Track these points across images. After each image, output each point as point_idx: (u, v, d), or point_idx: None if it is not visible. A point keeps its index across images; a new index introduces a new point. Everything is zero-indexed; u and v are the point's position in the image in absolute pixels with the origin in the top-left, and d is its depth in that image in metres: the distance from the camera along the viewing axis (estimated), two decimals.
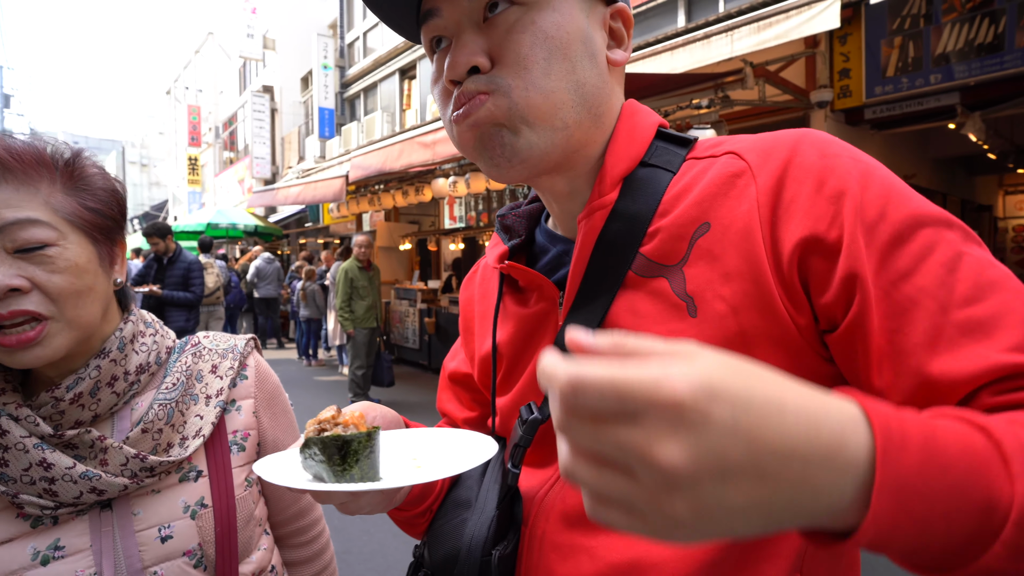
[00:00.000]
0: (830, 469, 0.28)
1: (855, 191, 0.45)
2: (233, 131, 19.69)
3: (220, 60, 21.67)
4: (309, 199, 8.11)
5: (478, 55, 0.51)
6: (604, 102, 0.55)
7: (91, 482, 0.66)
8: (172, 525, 0.72)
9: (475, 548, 0.55)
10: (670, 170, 0.55)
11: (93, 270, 0.70)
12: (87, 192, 0.71)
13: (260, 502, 0.84)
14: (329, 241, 13.51)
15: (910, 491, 0.29)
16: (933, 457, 0.30)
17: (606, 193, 0.55)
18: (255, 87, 17.41)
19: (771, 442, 0.26)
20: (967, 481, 0.30)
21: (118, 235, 0.76)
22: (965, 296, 0.41)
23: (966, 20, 4.52)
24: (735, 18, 4.02)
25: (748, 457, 0.26)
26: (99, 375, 0.71)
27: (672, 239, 0.52)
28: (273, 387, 0.89)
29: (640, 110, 0.60)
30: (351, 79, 13.95)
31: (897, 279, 0.43)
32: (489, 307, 0.69)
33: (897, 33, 4.85)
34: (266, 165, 16.39)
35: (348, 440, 0.49)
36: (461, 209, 10.00)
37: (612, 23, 0.57)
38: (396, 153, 6.11)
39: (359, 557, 3.11)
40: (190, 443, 0.75)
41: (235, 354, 0.85)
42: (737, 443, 0.25)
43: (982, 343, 0.40)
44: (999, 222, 10.16)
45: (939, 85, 4.70)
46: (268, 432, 0.86)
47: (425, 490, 0.65)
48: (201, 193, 22.44)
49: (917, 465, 0.29)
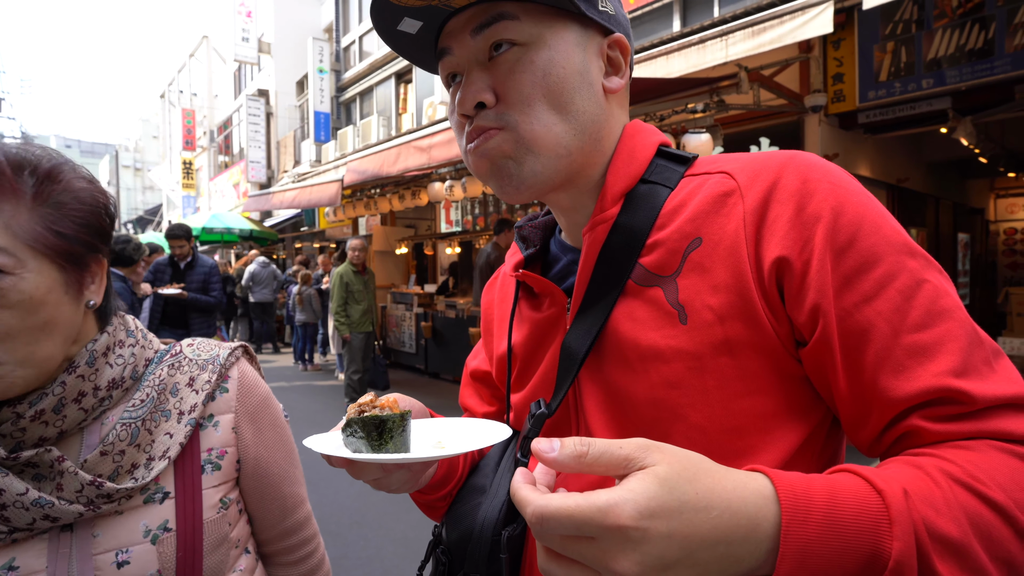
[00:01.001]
0: (748, 543, 0.37)
1: (829, 217, 0.50)
2: (228, 135, 19.64)
3: (215, 63, 21.62)
4: (305, 203, 8.09)
5: (484, 92, 0.57)
6: (603, 127, 0.60)
7: (43, 509, 0.62)
8: (130, 550, 0.67)
9: (487, 528, 0.61)
10: (668, 186, 0.59)
11: (54, 301, 0.64)
12: (60, 213, 0.65)
13: (240, 521, 0.80)
14: (325, 245, 13.48)
15: (809, 553, 0.37)
16: (831, 523, 0.38)
17: (607, 208, 0.60)
18: (250, 91, 17.39)
19: (700, 537, 0.35)
20: (857, 540, 0.37)
21: (92, 257, 0.70)
22: (916, 322, 0.46)
23: (957, 26, 4.56)
24: (730, 23, 4.04)
25: (683, 553, 0.35)
26: (64, 392, 0.66)
27: (668, 252, 0.56)
28: (259, 400, 0.83)
29: (641, 131, 0.64)
30: (347, 83, 13.95)
31: (860, 302, 0.48)
32: (506, 311, 0.74)
33: (890, 38, 4.89)
34: (261, 169, 16.35)
35: (384, 419, 0.55)
36: (457, 213, 10.00)
37: (610, 52, 0.61)
38: (392, 157, 6.11)
39: (356, 562, 3.09)
40: (155, 465, 0.70)
41: (215, 365, 0.80)
42: (673, 545, 0.34)
43: (922, 366, 0.45)
44: (991, 225, 10.25)
45: (931, 90, 4.75)
46: (250, 448, 0.81)
47: (446, 476, 0.69)
48: (196, 197, 22.35)
49: (816, 531, 0.37)
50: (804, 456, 0.52)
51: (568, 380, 0.59)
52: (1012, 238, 10.03)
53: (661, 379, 0.53)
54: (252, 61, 16.07)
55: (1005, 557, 0.40)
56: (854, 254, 0.49)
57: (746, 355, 0.51)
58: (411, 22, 0.58)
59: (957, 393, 0.44)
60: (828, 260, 0.49)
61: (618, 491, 0.34)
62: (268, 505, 0.84)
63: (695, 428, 0.52)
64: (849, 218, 0.49)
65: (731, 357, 0.51)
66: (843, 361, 0.48)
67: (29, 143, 0.67)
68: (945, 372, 0.45)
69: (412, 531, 3.46)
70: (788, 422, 0.52)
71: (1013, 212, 10.21)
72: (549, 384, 0.63)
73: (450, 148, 5.21)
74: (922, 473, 0.41)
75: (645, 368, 0.54)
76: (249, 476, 0.81)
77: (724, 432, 0.52)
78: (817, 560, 0.37)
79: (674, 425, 0.53)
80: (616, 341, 0.57)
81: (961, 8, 4.53)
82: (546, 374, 0.64)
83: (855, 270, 0.48)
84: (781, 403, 0.52)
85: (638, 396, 0.55)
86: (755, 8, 4.14)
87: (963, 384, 0.44)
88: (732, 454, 0.51)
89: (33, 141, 0.68)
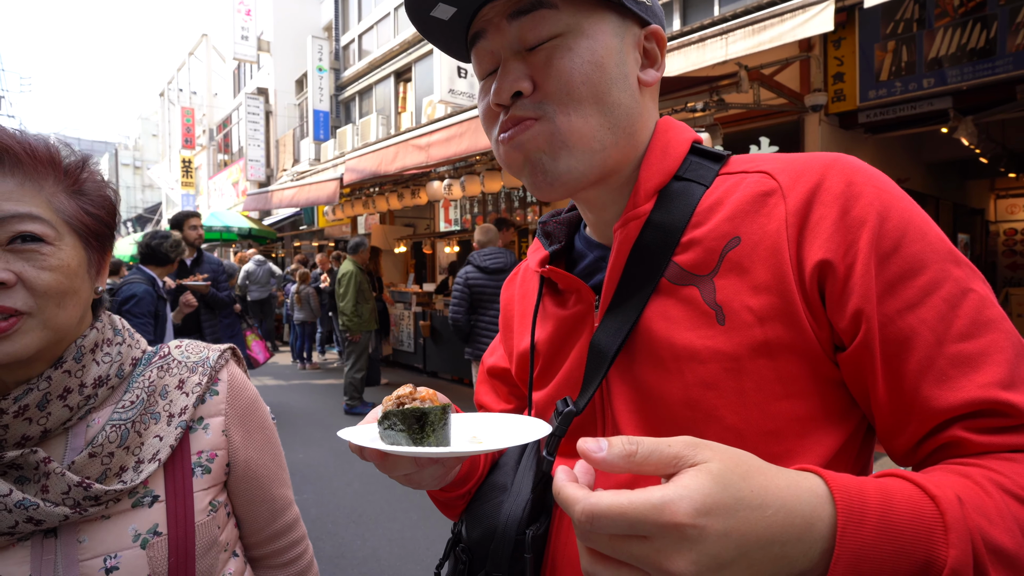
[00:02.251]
0: (802, 544, 0.35)
1: (874, 222, 0.49)
2: (227, 133, 19.61)
3: (214, 62, 21.60)
4: (303, 202, 8.07)
5: (521, 80, 0.55)
6: (637, 121, 0.59)
7: (27, 511, 0.61)
8: (119, 555, 0.66)
9: (510, 527, 0.61)
10: (703, 184, 0.58)
11: (82, 275, 0.69)
12: (88, 198, 0.71)
13: (228, 525, 0.79)
14: (324, 244, 13.46)
15: (864, 556, 0.36)
16: (886, 527, 0.37)
17: (640, 204, 0.59)
18: (249, 89, 17.36)
19: (756, 536, 0.34)
20: (912, 546, 0.37)
21: (109, 244, 0.75)
22: (961, 332, 0.46)
23: (959, 25, 4.55)
24: (730, 21, 4.03)
25: (738, 552, 0.33)
26: (49, 386, 0.65)
27: (704, 251, 0.55)
28: (248, 402, 0.83)
29: (674, 127, 0.63)
30: (346, 82, 13.93)
31: (903, 309, 0.47)
32: (529, 307, 0.73)
33: (891, 37, 4.87)
34: (260, 168, 16.32)
35: (426, 412, 0.53)
36: (456, 212, 9.98)
37: (646, 44, 0.60)
38: (391, 156, 6.09)
39: (352, 562, 3.07)
40: (145, 467, 0.69)
41: (205, 368, 0.79)
42: (729, 544, 0.33)
43: (967, 376, 0.44)
44: (991, 226, 10.24)
45: (932, 89, 4.73)
46: (240, 451, 0.80)
47: (468, 474, 0.68)
48: (195, 196, 22.32)
49: (872, 535, 0.36)
50: (840, 461, 0.51)
51: (597, 379, 0.58)
52: (1012, 239, 10.02)
53: (696, 380, 0.52)
54: (251, 59, 16.04)
55: None
56: (899, 260, 0.48)
57: (785, 358, 0.50)
58: (445, 8, 0.57)
59: (1004, 405, 0.43)
60: (872, 265, 0.48)
61: (672, 487, 0.33)
62: (257, 508, 0.83)
63: (730, 430, 0.51)
64: (894, 223, 0.49)
65: (770, 359, 0.50)
66: (883, 368, 0.47)
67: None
68: (991, 384, 0.44)
69: (409, 530, 3.44)
70: (825, 427, 0.51)
71: (1013, 213, 10.20)
72: (575, 382, 0.62)
73: (448, 147, 5.19)
74: (971, 483, 0.41)
75: (680, 368, 0.53)
76: (239, 479, 0.81)
77: (760, 435, 0.51)
78: (871, 564, 0.36)
79: (709, 427, 0.52)
80: (648, 340, 0.55)
81: (963, 7, 4.51)
82: (571, 372, 0.63)
83: (899, 276, 0.47)
84: (819, 407, 0.51)
85: (672, 396, 0.54)
86: (755, 7, 4.12)
87: (1010, 396, 0.43)
88: (768, 458, 0.50)
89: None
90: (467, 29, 0.60)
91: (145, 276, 3.22)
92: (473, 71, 0.63)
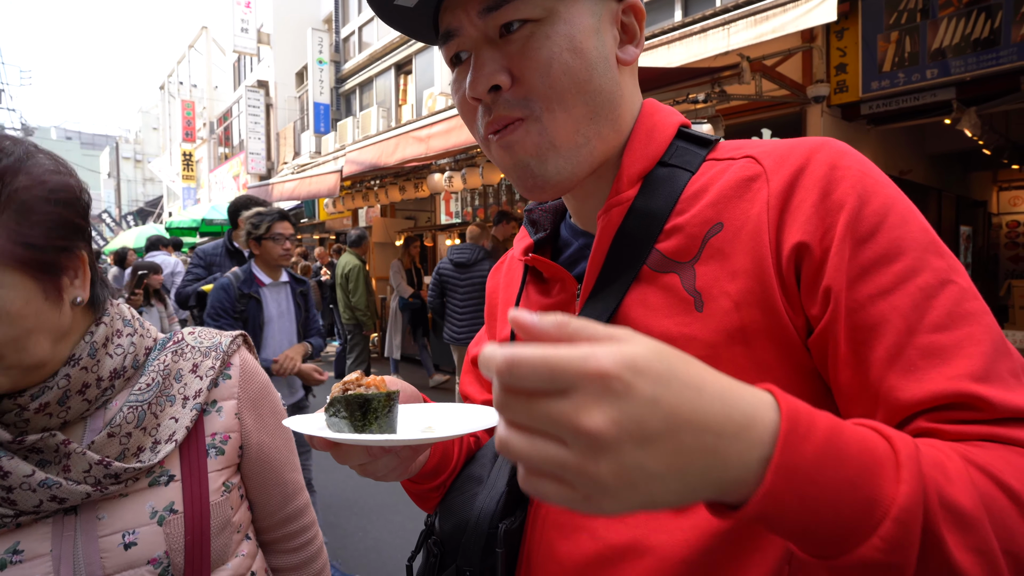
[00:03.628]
0: (739, 442, 0.31)
1: (854, 205, 0.47)
2: (228, 126, 19.55)
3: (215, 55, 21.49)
4: (304, 195, 8.06)
5: (498, 73, 0.53)
6: (619, 105, 0.57)
7: (51, 490, 0.62)
8: (137, 531, 0.68)
9: (483, 520, 0.59)
10: (689, 170, 0.57)
11: (33, 311, 0.61)
12: (28, 220, 0.60)
13: (242, 507, 0.81)
14: (325, 237, 13.45)
15: (804, 476, 0.32)
16: (833, 450, 0.33)
17: (624, 191, 0.57)
18: (250, 82, 17.28)
19: (688, 416, 0.29)
20: (859, 477, 0.33)
21: (67, 257, 0.66)
22: (935, 323, 0.43)
23: (962, 15, 4.51)
24: (732, 12, 4.00)
25: (666, 427, 0.29)
26: (68, 384, 0.66)
27: (686, 238, 0.53)
28: (259, 387, 0.85)
29: (660, 110, 0.61)
30: (346, 74, 13.86)
31: (875, 295, 0.45)
32: (512, 295, 0.72)
33: (894, 28, 4.84)
34: (261, 160, 16.28)
35: (369, 399, 0.52)
36: (457, 204, 9.96)
37: (624, 18, 0.57)
38: (391, 148, 6.07)
39: (354, 553, 3.10)
40: (161, 448, 0.71)
41: (218, 352, 0.81)
42: (657, 413, 0.28)
43: (937, 368, 0.42)
44: (993, 218, 10.20)
45: (935, 80, 4.70)
46: (252, 434, 0.82)
47: (439, 465, 0.67)
48: (196, 189, 22.29)
49: (816, 453, 0.32)
50: None
51: None
52: (1015, 231, 9.98)
53: None
54: (251, 52, 15.97)
55: (1016, 552, 0.36)
56: (875, 245, 0.46)
57: (761, 345, 0.49)
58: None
59: (973, 398, 0.40)
60: (847, 248, 0.46)
61: (602, 343, 0.29)
62: (270, 491, 0.85)
63: None
64: (875, 208, 0.47)
65: (745, 347, 0.49)
66: (849, 354, 0.45)
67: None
68: (962, 376, 0.41)
69: (411, 522, 3.46)
70: None
71: (1016, 205, 10.15)
72: None
73: (448, 138, 5.17)
74: (932, 447, 0.38)
75: None
76: (252, 461, 0.82)
77: None
78: (811, 488, 0.32)
79: None
80: (629, 326, 0.54)
81: None
82: None
83: (874, 261, 0.46)
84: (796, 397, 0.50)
85: None
86: None
87: (981, 389, 0.40)
88: None
89: (33, 132, 0.64)
90: (434, 13, 0.57)
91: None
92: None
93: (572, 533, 0.55)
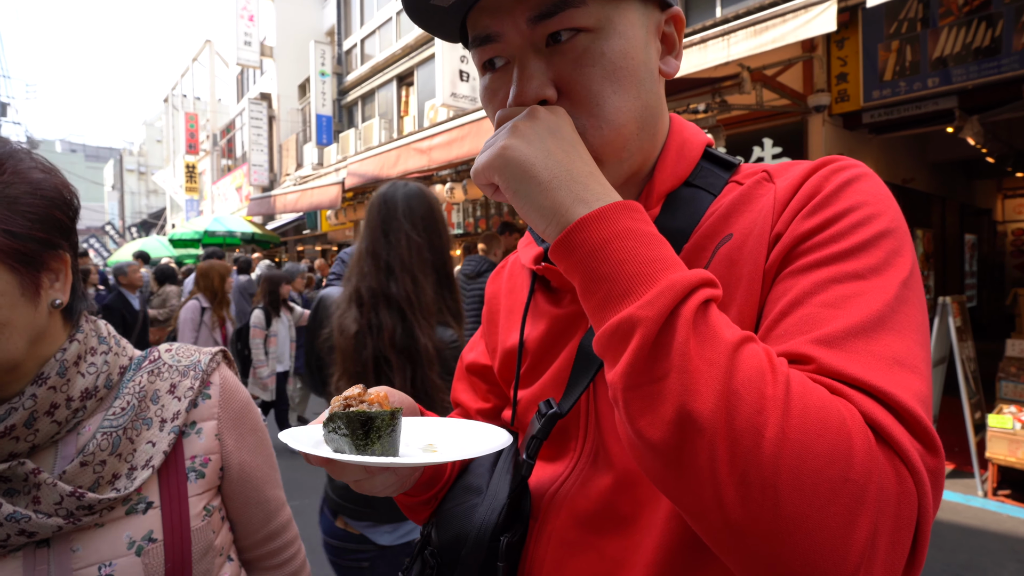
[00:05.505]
0: (587, 193, 0.45)
1: (831, 197, 0.47)
2: (231, 138, 19.70)
3: (218, 68, 21.71)
4: (306, 206, 8.09)
5: (547, 87, 0.51)
6: (659, 118, 0.57)
7: (19, 524, 0.59)
8: (114, 563, 0.65)
9: (484, 533, 0.57)
10: (712, 192, 0.56)
11: (8, 304, 0.60)
12: (11, 210, 0.61)
13: (223, 529, 0.79)
14: (327, 248, 13.48)
15: (609, 236, 0.42)
16: (644, 238, 0.42)
17: (650, 208, 0.57)
18: (253, 94, 17.44)
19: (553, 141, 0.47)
20: (649, 266, 0.41)
21: (50, 254, 0.65)
22: (824, 300, 0.42)
23: (963, 24, 4.51)
24: (731, 22, 4.00)
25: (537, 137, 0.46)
26: (35, 405, 0.63)
27: (697, 250, 0.53)
28: (240, 405, 0.82)
29: (687, 126, 0.60)
30: (348, 86, 13.97)
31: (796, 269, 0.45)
32: (517, 302, 0.70)
33: (894, 37, 4.84)
34: (264, 172, 16.38)
35: (372, 417, 0.50)
36: (459, 215, 9.98)
37: (666, 29, 0.56)
38: (392, 160, 6.09)
39: None
40: (138, 474, 0.68)
41: (197, 372, 0.78)
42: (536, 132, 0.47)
43: (797, 336, 0.42)
44: (998, 226, 10.16)
45: (937, 89, 4.69)
46: (233, 455, 0.79)
47: (433, 478, 0.66)
48: (199, 201, 22.43)
49: (629, 229, 0.43)
50: None
51: (584, 382, 0.56)
52: (1020, 239, 9.94)
53: None
54: (254, 65, 16.11)
55: (754, 401, 0.36)
56: (834, 227, 0.45)
57: None
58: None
59: (804, 356, 0.40)
60: (803, 220, 0.47)
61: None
62: (252, 510, 0.83)
63: None
64: (851, 200, 0.46)
65: None
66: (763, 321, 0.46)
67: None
68: (809, 340, 0.40)
69: None
70: None
71: (1021, 213, 10.12)
72: (560, 383, 0.60)
73: (450, 150, 5.19)
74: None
75: None
76: (233, 482, 0.80)
77: None
78: (610, 252, 0.42)
79: None
80: None
81: (967, 6, 4.48)
82: (558, 373, 0.61)
83: (826, 238, 0.45)
84: None
85: None
86: (757, 7, 4.10)
87: (815, 350, 0.40)
88: None
89: (39, 146, 0.63)
90: (465, 14, 0.54)
91: None
92: (474, 65, 0.60)
93: (581, 552, 0.55)
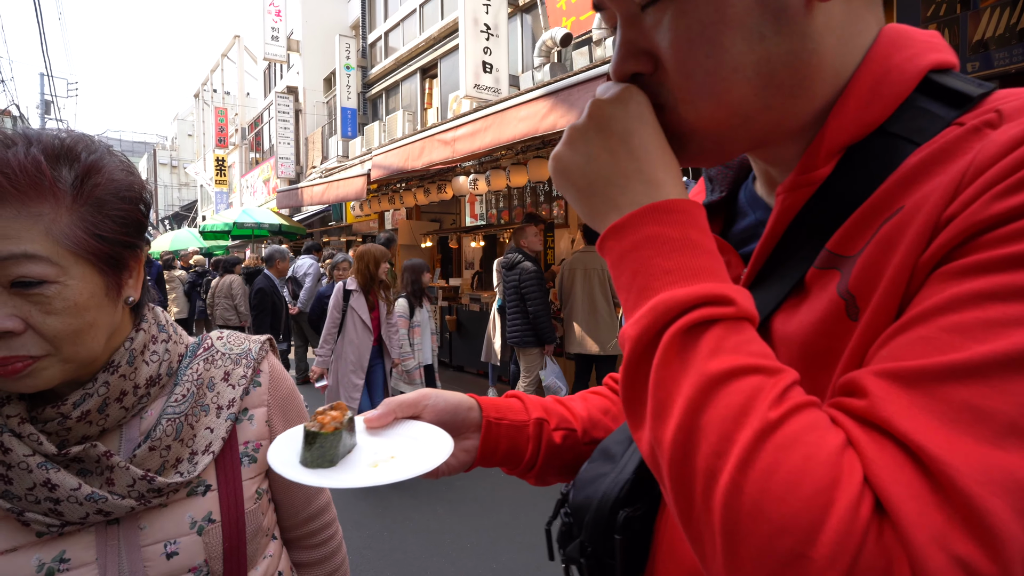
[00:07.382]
0: (624, 197, 0.44)
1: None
2: (259, 132, 20.06)
3: (246, 63, 22.08)
4: (332, 198, 8.20)
5: (634, 61, 0.46)
6: (805, 64, 0.42)
7: (97, 504, 0.64)
8: (178, 541, 0.69)
9: (606, 503, 0.56)
10: (916, 142, 0.40)
11: (96, 304, 0.63)
12: (101, 214, 0.63)
13: (269, 511, 0.83)
14: (352, 240, 13.66)
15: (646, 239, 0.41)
16: (665, 246, 0.40)
17: (818, 167, 0.44)
18: (280, 88, 17.71)
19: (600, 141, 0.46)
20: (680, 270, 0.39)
21: (131, 254, 0.68)
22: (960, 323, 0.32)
23: (1006, 5, 4.32)
24: None
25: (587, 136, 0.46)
26: (107, 392, 0.67)
27: (859, 228, 0.40)
28: (287, 392, 0.86)
29: (902, 48, 0.43)
30: (373, 79, 14.07)
31: (959, 271, 0.34)
32: None
33: (931, 20, 4.67)
34: (290, 165, 16.65)
35: (315, 435, 0.57)
36: (482, 207, 10.00)
37: None
38: (417, 151, 6.13)
39: (379, 553, 3.13)
40: (199, 459, 0.73)
41: (248, 360, 0.82)
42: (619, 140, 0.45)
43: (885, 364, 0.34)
44: None
45: (977, 73, 4.51)
46: None
47: (507, 458, 0.67)
48: (228, 193, 22.92)
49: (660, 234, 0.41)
50: None
51: None
52: None
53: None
54: (282, 59, 16.35)
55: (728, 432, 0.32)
56: (1020, 223, 0.31)
57: None
58: None
59: (858, 389, 0.34)
60: (981, 214, 0.33)
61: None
62: (295, 492, 0.87)
63: None
64: None
65: None
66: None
67: (69, 130, 0.66)
68: (882, 371, 0.33)
69: (435, 522, 3.48)
70: None
71: None
72: None
73: (473, 140, 5.20)
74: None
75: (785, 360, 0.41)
76: None
77: None
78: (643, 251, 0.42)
79: None
80: (770, 340, 0.44)
81: None
82: None
83: (999, 238, 0.32)
84: None
85: None
86: None
87: (875, 385, 0.33)
88: None
89: (69, 136, 0.66)
90: None
91: None
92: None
93: None
